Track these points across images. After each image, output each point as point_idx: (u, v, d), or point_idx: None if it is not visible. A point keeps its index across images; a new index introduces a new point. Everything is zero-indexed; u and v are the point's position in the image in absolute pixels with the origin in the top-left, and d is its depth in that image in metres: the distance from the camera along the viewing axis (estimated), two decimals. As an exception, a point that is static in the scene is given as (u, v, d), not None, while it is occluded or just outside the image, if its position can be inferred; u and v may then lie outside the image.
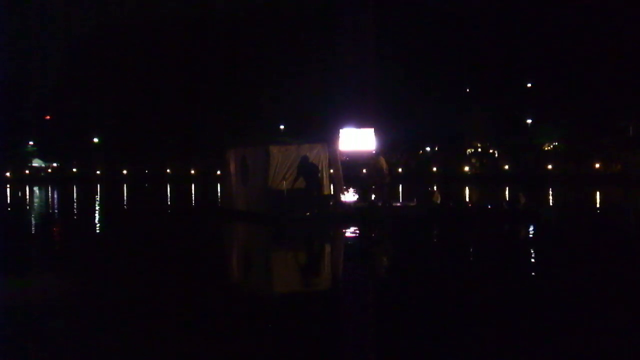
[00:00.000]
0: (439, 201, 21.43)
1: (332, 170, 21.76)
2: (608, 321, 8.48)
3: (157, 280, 11.74)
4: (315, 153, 21.41)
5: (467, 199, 32.68)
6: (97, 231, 21.73)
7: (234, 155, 23.86)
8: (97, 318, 9.04)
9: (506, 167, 62.59)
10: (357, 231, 18.54)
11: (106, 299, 10.26)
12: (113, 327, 8.55)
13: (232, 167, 23.83)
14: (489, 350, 7.39)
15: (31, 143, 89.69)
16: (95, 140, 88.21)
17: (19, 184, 69.10)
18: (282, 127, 79.96)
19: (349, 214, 20.42)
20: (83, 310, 9.45)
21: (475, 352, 7.31)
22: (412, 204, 22.34)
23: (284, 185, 20.70)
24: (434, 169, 66.89)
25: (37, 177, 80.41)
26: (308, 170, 20.94)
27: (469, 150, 73.62)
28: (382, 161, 21.36)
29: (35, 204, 37.30)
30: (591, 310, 9.12)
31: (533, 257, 14.22)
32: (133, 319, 8.94)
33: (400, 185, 41.64)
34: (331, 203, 21.20)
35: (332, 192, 21.84)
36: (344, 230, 18.61)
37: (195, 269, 13.12)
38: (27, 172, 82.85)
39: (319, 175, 21.22)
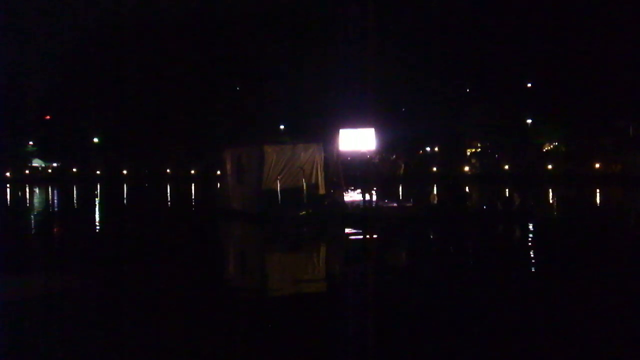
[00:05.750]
0: (435, 201, 21.36)
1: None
2: (600, 320, 8.43)
3: (149, 278, 11.78)
4: (309, 153, 21.39)
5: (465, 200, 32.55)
6: (95, 231, 21.70)
7: (230, 155, 23.86)
8: (95, 316, 9.09)
9: (506, 167, 62.46)
10: (352, 231, 18.47)
11: (103, 296, 10.37)
12: (112, 323, 8.58)
13: (228, 167, 23.83)
14: (487, 349, 7.34)
15: (31, 143, 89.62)
16: (95, 140, 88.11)
17: (19, 184, 69.11)
18: (282, 127, 79.87)
19: (345, 213, 20.34)
20: (82, 308, 9.48)
21: (473, 351, 7.26)
22: (409, 204, 22.27)
23: (278, 184, 20.66)
24: (434, 169, 66.75)
25: (37, 177, 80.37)
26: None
27: (469, 150, 73.48)
28: (399, 161, 21.35)
29: (35, 204, 37.31)
30: (576, 308, 9.08)
31: (521, 257, 14.15)
32: (130, 317, 8.99)
33: (400, 186, 41.52)
34: (326, 203, 21.15)
35: (330, 192, 21.80)
36: (339, 230, 18.53)
37: (184, 268, 13.09)
38: (27, 172, 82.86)
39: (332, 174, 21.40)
